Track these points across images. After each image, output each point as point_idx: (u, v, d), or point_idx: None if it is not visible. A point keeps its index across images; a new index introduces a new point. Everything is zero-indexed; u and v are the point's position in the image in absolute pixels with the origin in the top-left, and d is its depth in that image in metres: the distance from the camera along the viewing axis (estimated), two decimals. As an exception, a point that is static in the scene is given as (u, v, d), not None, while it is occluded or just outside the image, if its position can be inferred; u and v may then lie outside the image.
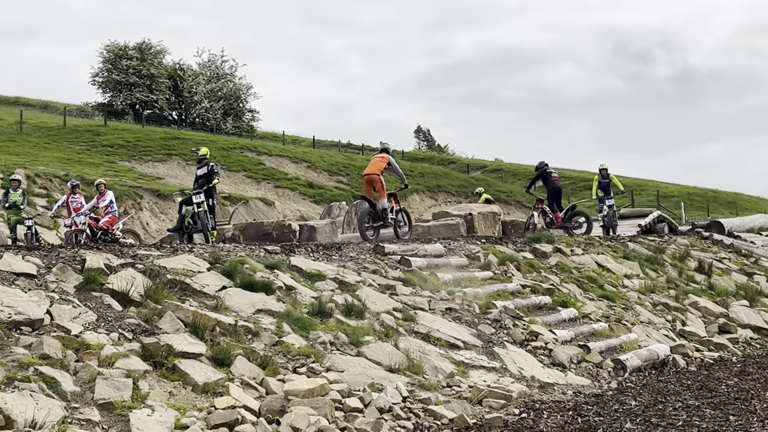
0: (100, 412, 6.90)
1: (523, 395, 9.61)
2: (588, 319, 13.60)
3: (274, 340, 9.11)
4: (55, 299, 8.59)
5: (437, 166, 65.03)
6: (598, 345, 12.22)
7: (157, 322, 8.69)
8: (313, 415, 7.53)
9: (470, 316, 11.91)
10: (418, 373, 9.38)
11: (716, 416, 8.75)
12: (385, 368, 9.25)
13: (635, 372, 11.70)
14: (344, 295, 11.11)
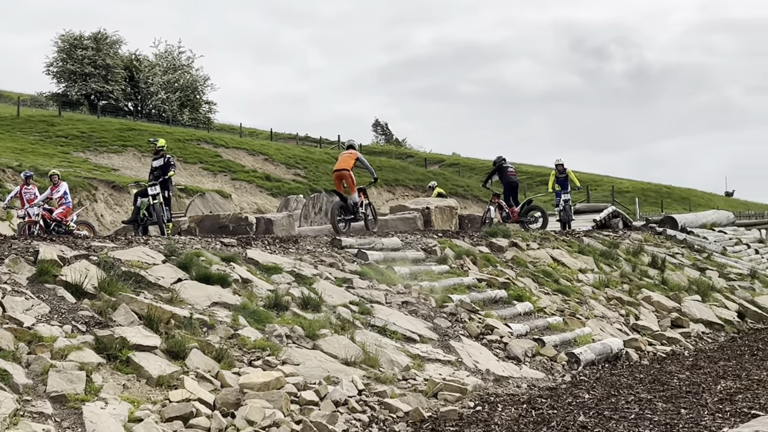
0: (53, 404, 6.83)
1: (478, 388, 9.65)
2: (543, 312, 13.70)
3: (229, 333, 9.07)
4: (7, 291, 8.47)
5: (395, 159, 65.00)
6: (553, 339, 12.31)
7: (111, 315, 8.60)
8: (269, 408, 7.51)
9: (426, 309, 11.93)
10: (374, 367, 9.39)
11: (668, 409, 8.86)
12: (341, 361, 9.25)
13: (589, 365, 11.81)
14: (301, 288, 11.08)
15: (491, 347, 11.35)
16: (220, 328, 9.11)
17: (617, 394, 9.85)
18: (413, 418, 8.24)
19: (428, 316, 11.73)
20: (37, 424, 6.45)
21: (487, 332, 11.78)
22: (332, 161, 40.84)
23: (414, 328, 11.00)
